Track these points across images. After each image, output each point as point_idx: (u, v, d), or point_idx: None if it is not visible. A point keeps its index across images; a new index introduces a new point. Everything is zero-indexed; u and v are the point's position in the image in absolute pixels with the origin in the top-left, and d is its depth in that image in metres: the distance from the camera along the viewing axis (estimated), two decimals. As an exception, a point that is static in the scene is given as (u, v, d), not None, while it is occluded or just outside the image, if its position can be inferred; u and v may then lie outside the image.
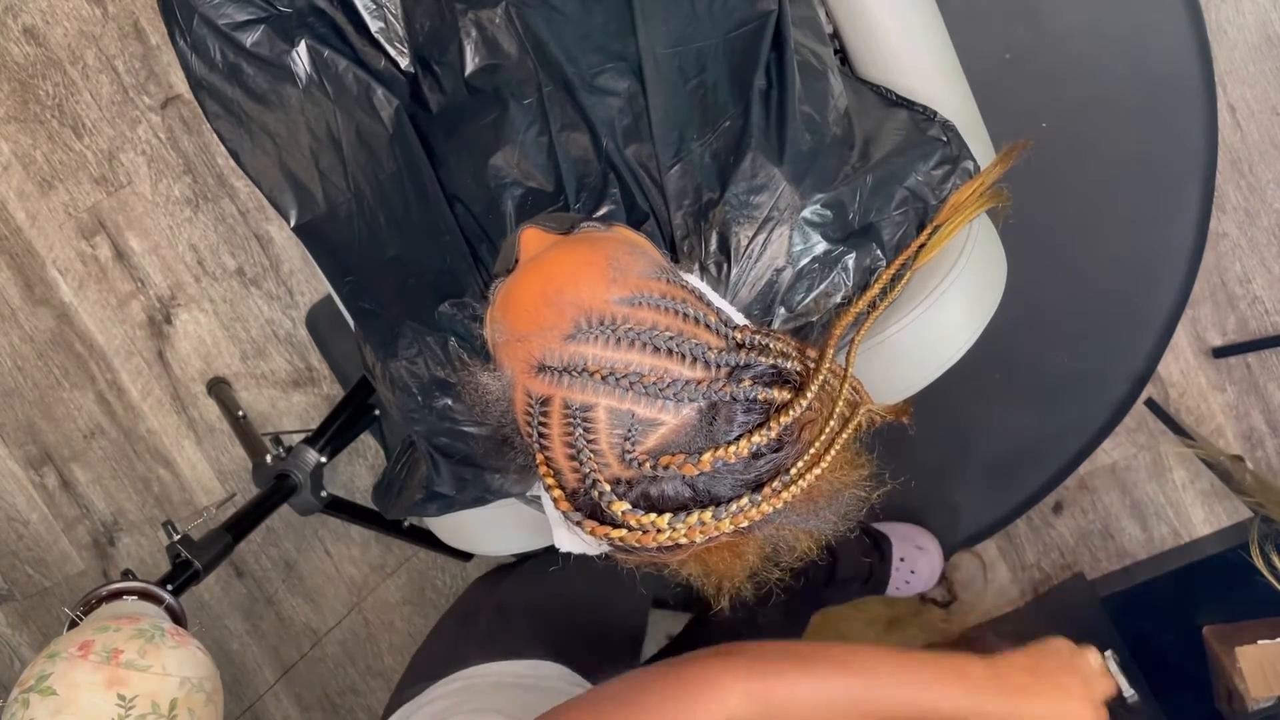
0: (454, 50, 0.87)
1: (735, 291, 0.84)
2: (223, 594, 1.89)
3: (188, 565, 1.23)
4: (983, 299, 0.95)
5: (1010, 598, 1.69)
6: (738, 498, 0.63)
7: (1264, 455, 1.59)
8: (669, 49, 0.84)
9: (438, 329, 0.90)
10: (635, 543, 0.64)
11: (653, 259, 0.70)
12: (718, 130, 0.85)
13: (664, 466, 0.63)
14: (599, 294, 0.65)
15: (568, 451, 0.64)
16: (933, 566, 1.60)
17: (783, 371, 0.67)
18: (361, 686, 1.92)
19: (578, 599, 1.07)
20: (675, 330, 0.65)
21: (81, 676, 0.88)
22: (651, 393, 0.63)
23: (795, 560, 0.70)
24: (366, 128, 0.90)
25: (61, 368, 1.78)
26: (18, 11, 1.62)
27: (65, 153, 1.68)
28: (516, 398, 0.68)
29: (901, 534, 1.60)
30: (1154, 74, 1.38)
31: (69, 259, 1.72)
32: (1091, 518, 1.65)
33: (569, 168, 0.86)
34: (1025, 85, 1.40)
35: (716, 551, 0.67)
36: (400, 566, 1.84)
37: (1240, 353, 1.54)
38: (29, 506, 1.87)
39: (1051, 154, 1.40)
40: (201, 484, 1.82)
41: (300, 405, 1.76)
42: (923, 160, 0.89)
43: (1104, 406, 1.56)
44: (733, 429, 0.64)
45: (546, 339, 0.64)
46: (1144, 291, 1.49)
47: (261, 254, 1.69)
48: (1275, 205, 1.48)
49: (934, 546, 1.60)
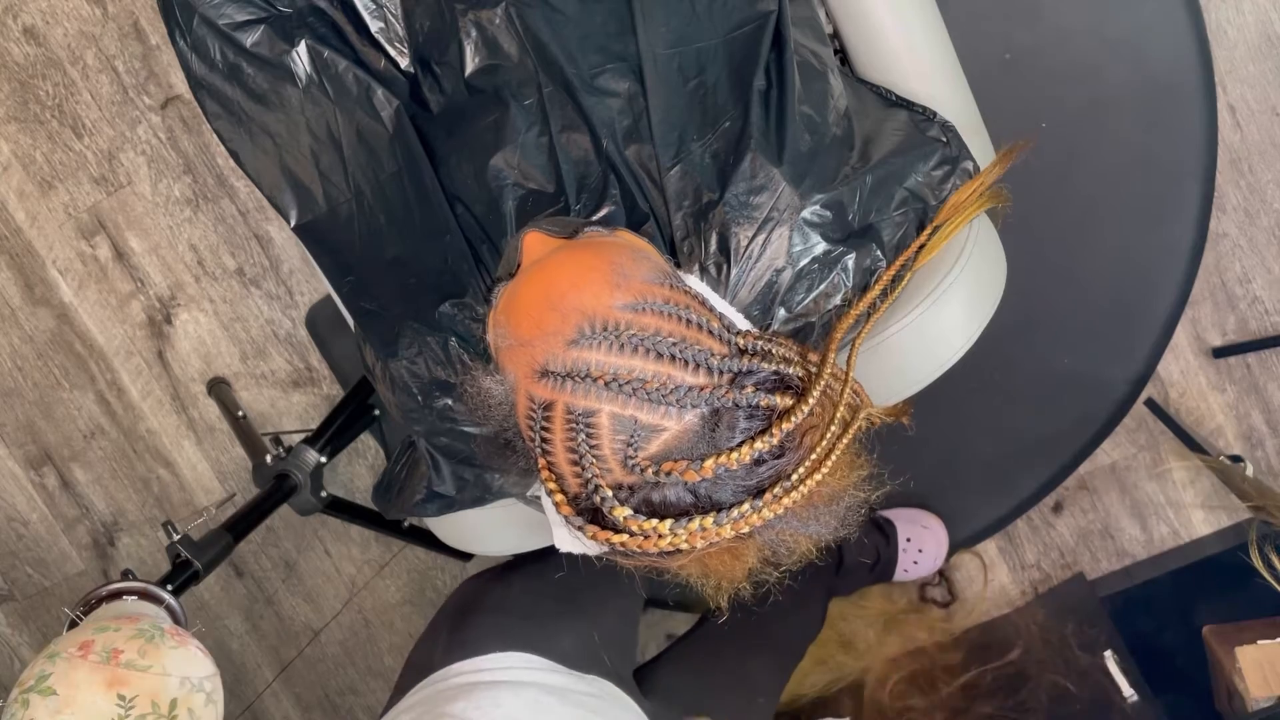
0: (454, 50, 0.87)
1: (735, 292, 0.84)
2: (223, 594, 1.89)
3: (188, 565, 1.23)
4: (983, 299, 0.95)
5: (1010, 598, 1.69)
6: (739, 503, 0.63)
7: (1264, 455, 1.59)
8: (669, 49, 0.84)
9: (438, 329, 0.90)
10: (636, 548, 0.64)
11: (656, 264, 0.70)
12: (717, 131, 0.85)
13: (666, 472, 0.63)
14: (602, 299, 0.65)
15: (570, 456, 0.64)
16: (939, 544, 1.60)
17: (785, 377, 0.67)
18: (361, 686, 1.92)
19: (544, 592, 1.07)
20: (678, 336, 0.65)
21: (81, 676, 0.87)
22: (654, 399, 0.62)
23: (795, 563, 0.70)
24: (367, 128, 0.90)
25: (61, 368, 1.78)
26: (18, 11, 1.62)
27: (65, 153, 1.68)
28: (519, 402, 0.68)
29: (906, 517, 1.60)
30: (1154, 74, 1.38)
31: (69, 259, 1.72)
32: (1091, 518, 1.65)
33: (569, 169, 0.85)
34: (1025, 85, 1.40)
35: (717, 555, 0.67)
36: (392, 558, 1.84)
37: (1240, 353, 1.54)
38: (29, 506, 1.87)
39: (1051, 154, 1.40)
40: (201, 484, 1.82)
41: (300, 405, 1.76)
42: (922, 161, 0.89)
43: (1104, 406, 1.56)
44: (735, 435, 0.64)
45: (550, 344, 0.64)
46: (1144, 291, 1.49)
47: (261, 254, 1.69)
48: (1275, 205, 1.48)
49: (938, 525, 1.61)
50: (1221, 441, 1.58)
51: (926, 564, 1.60)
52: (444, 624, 1.01)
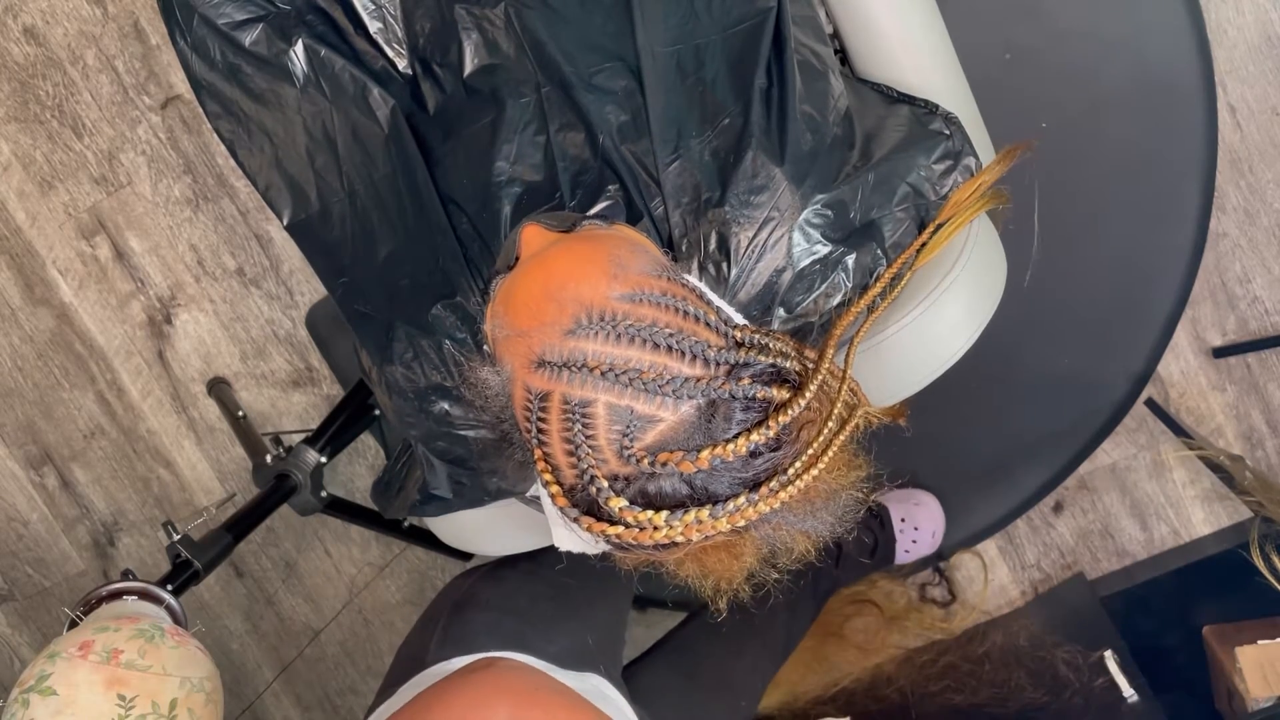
0: (454, 51, 0.87)
1: (734, 292, 0.84)
2: (223, 594, 1.89)
3: (188, 565, 1.23)
4: (983, 299, 0.95)
5: (1010, 598, 1.69)
6: (735, 496, 0.63)
7: (1264, 455, 1.59)
8: (668, 46, 0.84)
9: (431, 332, 0.90)
10: (632, 540, 0.64)
11: (653, 256, 0.70)
12: (717, 128, 0.85)
13: (662, 463, 0.63)
14: (600, 290, 0.65)
15: (566, 447, 0.64)
16: (935, 520, 1.59)
17: (782, 371, 0.67)
18: (361, 686, 1.92)
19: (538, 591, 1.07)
20: (675, 327, 0.65)
21: (81, 676, 0.88)
22: (650, 389, 0.63)
23: (793, 562, 0.70)
24: (362, 127, 0.90)
25: (61, 368, 1.78)
26: (18, 11, 1.62)
27: (65, 153, 1.68)
28: (516, 393, 0.68)
29: (896, 498, 1.60)
30: (1154, 74, 1.38)
31: (69, 259, 1.72)
32: (1091, 518, 1.64)
33: (565, 166, 0.85)
34: (1025, 85, 1.40)
35: (714, 551, 0.67)
36: (392, 559, 1.84)
37: (1240, 353, 1.53)
38: (29, 506, 1.87)
39: (1051, 154, 1.40)
40: (201, 484, 1.83)
41: (300, 405, 1.76)
42: (925, 154, 0.89)
43: (1104, 406, 1.56)
44: (731, 427, 0.64)
45: (547, 334, 0.64)
46: (1144, 291, 1.49)
47: (261, 254, 1.69)
48: (1275, 205, 1.48)
49: (930, 499, 1.60)
50: (1221, 441, 1.58)
51: (925, 540, 1.59)
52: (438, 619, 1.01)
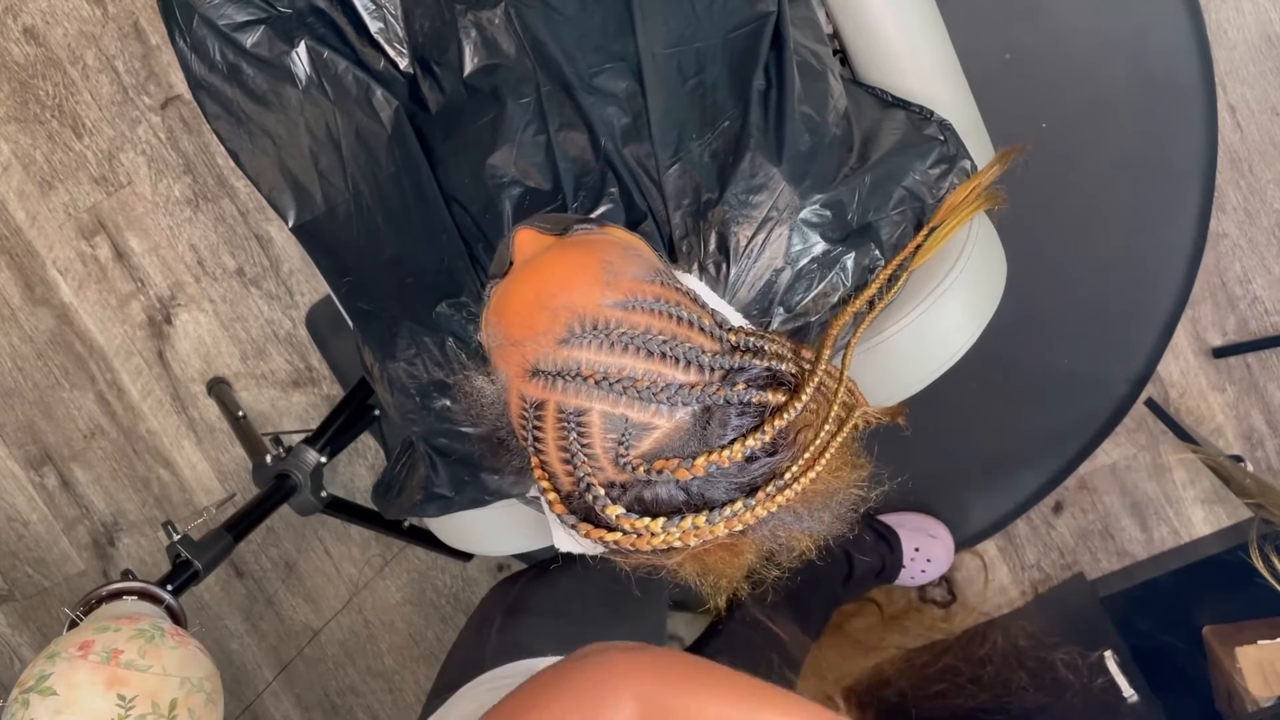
0: (454, 51, 0.87)
1: (734, 291, 0.84)
2: (223, 594, 1.89)
3: (188, 565, 1.23)
4: (982, 299, 0.95)
5: (1010, 598, 1.69)
6: (731, 502, 0.63)
7: (1264, 455, 1.59)
8: (668, 49, 0.84)
9: (435, 329, 0.90)
10: (629, 546, 0.64)
11: (647, 261, 0.70)
12: (717, 130, 0.85)
13: (657, 471, 0.63)
14: (592, 298, 0.65)
15: (562, 455, 0.64)
16: (947, 552, 1.61)
17: (777, 374, 0.67)
18: (361, 687, 1.92)
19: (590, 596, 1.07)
20: (668, 334, 0.65)
21: (81, 676, 0.88)
22: (645, 397, 0.63)
23: (794, 561, 0.70)
24: (366, 128, 0.90)
25: (61, 368, 1.78)
26: (18, 11, 1.62)
27: (65, 153, 1.68)
28: (511, 401, 0.68)
29: (911, 525, 1.60)
30: (1154, 74, 1.38)
31: (69, 259, 1.73)
32: (1091, 518, 1.64)
33: (567, 167, 0.86)
34: (1025, 86, 1.40)
35: (715, 552, 0.67)
36: (392, 559, 1.84)
37: (1240, 353, 1.53)
38: (29, 506, 1.87)
39: (1051, 154, 1.40)
40: (201, 484, 1.83)
41: (300, 405, 1.76)
42: (920, 159, 0.89)
43: (1104, 406, 1.56)
44: (727, 432, 0.64)
45: (540, 344, 0.64)
46: (1144, 291, 1.49)
47: (261, 254, 1.69)
48: (1275, 205, 1.48)
49: (945, 533, 1.61)
50: (1221, 441, 1.58)
51: (934, 571, 1.61)
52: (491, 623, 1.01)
